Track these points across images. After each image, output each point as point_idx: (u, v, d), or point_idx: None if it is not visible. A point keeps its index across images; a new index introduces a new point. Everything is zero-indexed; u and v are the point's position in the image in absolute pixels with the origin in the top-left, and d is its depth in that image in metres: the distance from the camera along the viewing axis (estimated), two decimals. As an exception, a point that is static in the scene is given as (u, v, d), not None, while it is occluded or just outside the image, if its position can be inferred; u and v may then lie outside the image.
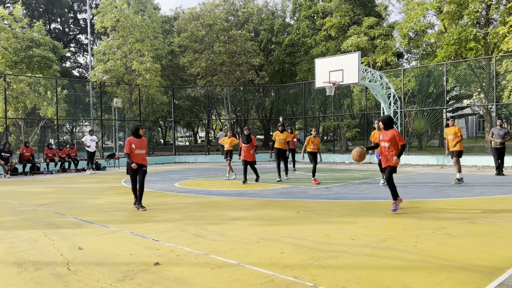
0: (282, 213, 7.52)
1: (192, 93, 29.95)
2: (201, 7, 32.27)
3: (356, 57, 16.15)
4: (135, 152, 8.14)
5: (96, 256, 4.99)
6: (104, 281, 4.11)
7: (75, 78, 38.52)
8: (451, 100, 35.41)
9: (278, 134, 13.32)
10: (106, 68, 23.36)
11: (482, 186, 10.67)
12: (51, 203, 9.48)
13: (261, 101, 35.18)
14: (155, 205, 8.80)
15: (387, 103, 18.79)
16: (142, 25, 24.55)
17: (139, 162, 8.21)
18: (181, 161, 25.22)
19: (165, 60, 30.21)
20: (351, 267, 4.34)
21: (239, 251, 5.05)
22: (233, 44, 28.54)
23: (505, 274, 4.04)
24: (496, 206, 7.75)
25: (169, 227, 6.56)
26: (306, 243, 5.34)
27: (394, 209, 7.36)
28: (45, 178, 16.39)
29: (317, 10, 29.16)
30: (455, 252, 4.82)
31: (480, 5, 21.23)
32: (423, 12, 22.79)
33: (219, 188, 11.58)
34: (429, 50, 24.75)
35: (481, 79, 23.00)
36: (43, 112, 22.01)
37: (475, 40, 20.41)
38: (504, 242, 5.23)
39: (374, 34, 24.73)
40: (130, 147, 8.12)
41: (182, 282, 4.02)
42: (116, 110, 26.04)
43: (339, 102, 26.95)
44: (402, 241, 5.36)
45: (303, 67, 28.86)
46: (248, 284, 3.92)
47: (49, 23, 42.56)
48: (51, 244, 5.61)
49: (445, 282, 3.86)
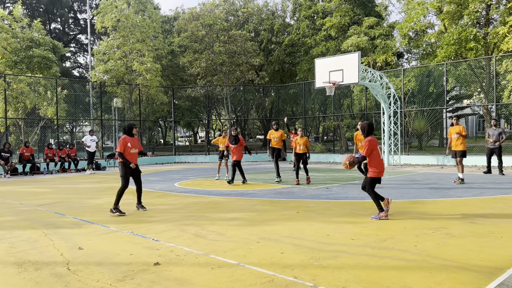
0: (282, 213, 7.52)
1: (192, 93, 29.95)
2: (201, 7, 32.29)
3: (356, 57, 16.14)
4: (130, 151, 7.90)
5: (96, 256, 4.99)
6: (104, 281, 4.12)
7: (75, 78, 38.53)
8: (451, 100, 35.38)
9: (273, 132, 13.26)
10: (106, 68, 23.37)
11: (482, 186, 10.67)
12: (51, 203, 9.48)
13: (261, 101, 35.19)
14: (155, 205, 8.80)
15: (387, 103, 18.79)
16: (143, 25, 24.57)
17: (135, 162, 8.04)
18: (181, 161, 25.22)
19: (165, 60, 30.22)
20: (351, 267, 4.34)
21: (239, 251, 5.05)
22: (233, 44, 28.54)
23: (505, 274, 4.04)
24: (496, 206, 7.75)
25: (169, 227, 6.56)
26: (306, 243, 5.34)
27: (376, 218, 6.72)
28: (45, 178, 16.39)
29: (317, 10, 29.16)
30: (455, 252, 4.82)
31: (480, 5, 21.24)
32: (423, 12, 22.80)
33: (219, 188, 11.57)
34: (429, 50, 24.76)
35: (481, 79, 23.00)
36: (43, 112, 22.01)
37: (475, 40, 20.42)
38: (504, 242, 5.23)
39: (374, 34, 24.74)
40: (125, 145, 7.85)
41: (182, 282, 4.02)
42: (116, 110, 26.05)
43: (339, 102, 26.96)
44: (402, 241, 5.36)
45: (303, 67, 28.86)
46: (248, 284, 3.92)
47: (49, 23, 42.59)
48: (51, 244, 5.61)
49: (445, 282, 3.86)
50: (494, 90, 17.88)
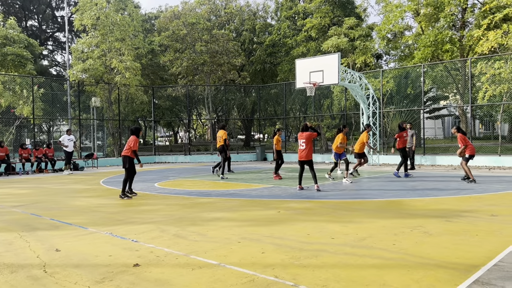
0: (263, 213, 7.54)
1: (173, 92, 29.71)
2: (183, 6, 32.05)
3: (336, 58, 16.31)
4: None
5: (73, 258, 4.90)
6: (82, 283, 4.04)
7: (52, 77, 37.70)
8: (428, 101, 36.09)
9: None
10: (85, 67, 22.94)
11: (458, 185, 10.92)
12: (27, 204, 9.26)
13: (242, 101, 35.18)
14: (134, 206, 8.69)
15: (366, 104, 19.05)
16: (123, 23, 24.20)
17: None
18: (161, 161, 24.99)
19: (145, 59, 29.88)
20: (331, 266, 4.38)
21: (220, 251, 5.04)
22: (215, 44, 28.44)
23: (480, 271, 4.14)
24: (471, 205, 7.95)
25: (149, 227, 6.49)
26: (287, 243, 5.37)
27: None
28: (20, 178, 16.00)
29: (298, 11, 29.34)
30: (432, 250, 4.92)
31: (456, 9, 21.77)
32: (401, 14, 23.23)
33: (200, 188, 11.52)
34: (407, 51, 25.22)
35: (457, 80, 23.56)
36: (18, 111, 21.47)
37: (451, 42, 20.92)
38: (478, 240, 5.37)
39: (354, 35, 25.03)
40: (137, 145, 9.77)
41: (162, 283, 3.99)
42: (94, 110, 25.62)
43: (320, 103, 27.17)
44: (381, 239, 5.44)
45: (284, 68, 28.98)
46: (229, 285, 3.92)
47: (25, 20, 41.54)
48: (27, 246, 5.48)
49: (423, 279, 3.94)
50: (469, 91, 18.32)
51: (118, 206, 8.81)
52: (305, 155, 10.38)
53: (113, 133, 25.23)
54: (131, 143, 9.73)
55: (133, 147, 9.70)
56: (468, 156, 11.38)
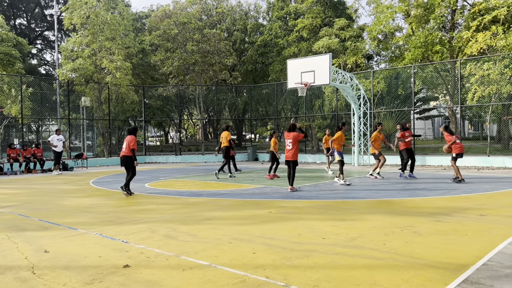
0: (254, 213, 7.53)
1: (164, 92, 29.54)
2: (174, 5, 31.90)
3: (327, 59, 16.35)
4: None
5: (62, 259, 4.84)
6: (71, 284, 4.00)
7: (42, 76, 37.29)
8: (419, 101, 36.36)
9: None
10: (74, 66, 22.73)
11: (447, 186, 11.02)
12: (15, 204, 9.14)
13: (233, 101, 35.13)
14: (124, 206, 8.63)
15: (357, 104, 19.14)
16: (113, 22, 24.02)
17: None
18: (152, 161, 24.86)
19: (135, 59, 29.68)
20: (322, 266, 4.39)
21: (210, 252, 5.01)
22: (206, 43, 28.36)
23: (469, 270, 4.18)
24: (460, 205, 8.03)
25: (139, 228, 6.44)
26: (278, 243, 5.37)
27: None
28: (8, 179, 15.79)
29: (289, 11, 29.38)
30: (422, 250, 4.95)
31: (446, 10, 21.98)
32: (391, 15, 23.38)
33: (190, 189, 11.47)
34: (397, 52, 25.40)
35: (446, 81, 23.78)
36: (6, 110, 21.20)
37: (441, 43, 21.10)
38: (467, 239, 5.42)
39: (345, 36, 25.14)
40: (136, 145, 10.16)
41: (152, 284, 3.96)
42: (84, 109, 25.39)
43: (311, 103, 27.26)
44: (371, 239, 5.46)
45: (275, 68, 29.01)
46: (220, 285, 3.90)
47: (14, 18, 41.04)
48: (14, 248, 5.40)
49: (413, 279, 3.96)
50: (458, 92, 18.50)
51: (108, 206, 8.73)
52: (291, 155, 10.49)
53: (103, 133, 25.04)
54: (131, 143, 9.95)
55: (132, 146, 9.97)
56: (455, 155, 11.50)
